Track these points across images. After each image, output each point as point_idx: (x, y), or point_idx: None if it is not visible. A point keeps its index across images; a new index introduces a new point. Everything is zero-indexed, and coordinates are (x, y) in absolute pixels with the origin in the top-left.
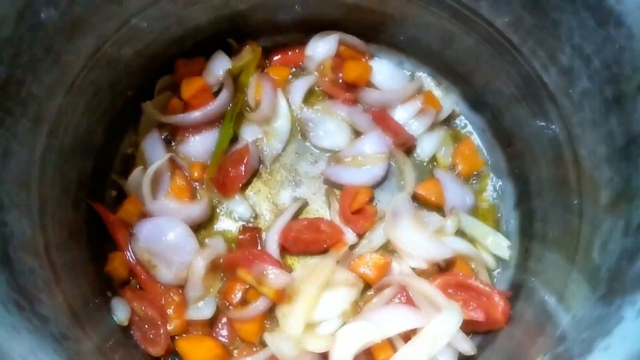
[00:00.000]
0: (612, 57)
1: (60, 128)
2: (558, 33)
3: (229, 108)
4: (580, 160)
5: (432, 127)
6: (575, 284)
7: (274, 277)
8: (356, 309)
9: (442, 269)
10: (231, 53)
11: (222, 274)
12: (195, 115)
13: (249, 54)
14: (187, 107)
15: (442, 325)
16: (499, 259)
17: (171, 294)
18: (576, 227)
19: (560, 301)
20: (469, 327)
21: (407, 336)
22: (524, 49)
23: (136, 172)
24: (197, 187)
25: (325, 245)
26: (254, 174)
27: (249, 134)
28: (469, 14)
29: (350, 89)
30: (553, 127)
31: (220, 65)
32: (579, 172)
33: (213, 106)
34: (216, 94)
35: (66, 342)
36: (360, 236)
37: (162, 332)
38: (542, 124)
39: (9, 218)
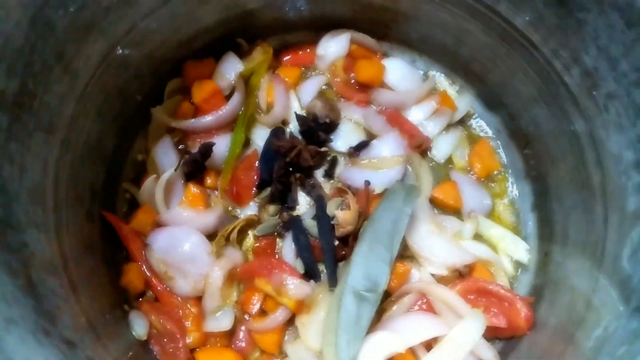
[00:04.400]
0: None
1: (72, 137)
2: (583, 33)
3: (240, 111)
4: (604, 164)
5: (448, 127)
6: (604, 293)
7: (294, 287)
8: (376, 316)
9: (462, 274)
10: (241, 54)
11: (239, 284)
12: (208, 119)
13: (261, 54)
14: (198, 111)
15: (464, 332)
16: (517, 263)
17: (188, 306)
18: (601, 233)
19: (588, 309)
20: (491, 334)
21: (428, 344)
22: (545, 49)
23: (149, 180)
24: (211, 195)
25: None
26: None
27: (261, 137)
28: (486, 12)
29: (363, 90)
30: (574, 128)
31: (231, 68)
32: (602, 176)
33: (225, 110)
34: (227, 97)
35: None
36: None
37: (181, 345)
38: (563, 125)
39: (28, 237)
